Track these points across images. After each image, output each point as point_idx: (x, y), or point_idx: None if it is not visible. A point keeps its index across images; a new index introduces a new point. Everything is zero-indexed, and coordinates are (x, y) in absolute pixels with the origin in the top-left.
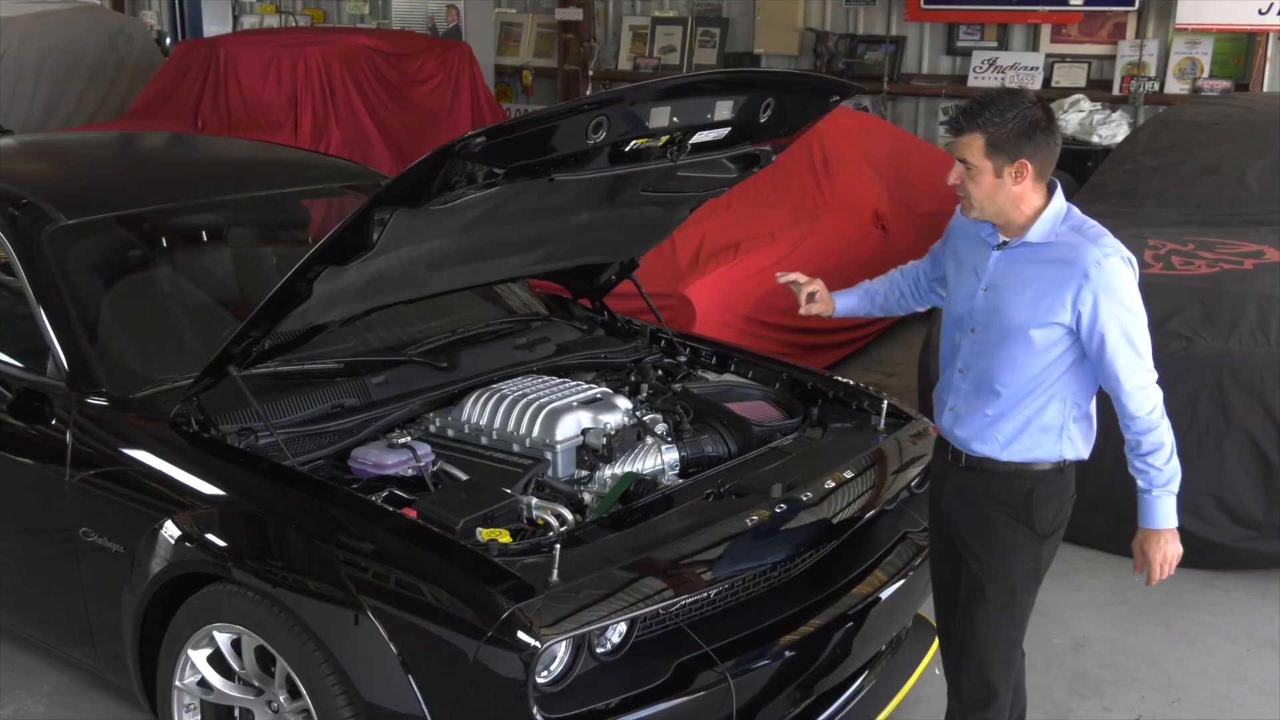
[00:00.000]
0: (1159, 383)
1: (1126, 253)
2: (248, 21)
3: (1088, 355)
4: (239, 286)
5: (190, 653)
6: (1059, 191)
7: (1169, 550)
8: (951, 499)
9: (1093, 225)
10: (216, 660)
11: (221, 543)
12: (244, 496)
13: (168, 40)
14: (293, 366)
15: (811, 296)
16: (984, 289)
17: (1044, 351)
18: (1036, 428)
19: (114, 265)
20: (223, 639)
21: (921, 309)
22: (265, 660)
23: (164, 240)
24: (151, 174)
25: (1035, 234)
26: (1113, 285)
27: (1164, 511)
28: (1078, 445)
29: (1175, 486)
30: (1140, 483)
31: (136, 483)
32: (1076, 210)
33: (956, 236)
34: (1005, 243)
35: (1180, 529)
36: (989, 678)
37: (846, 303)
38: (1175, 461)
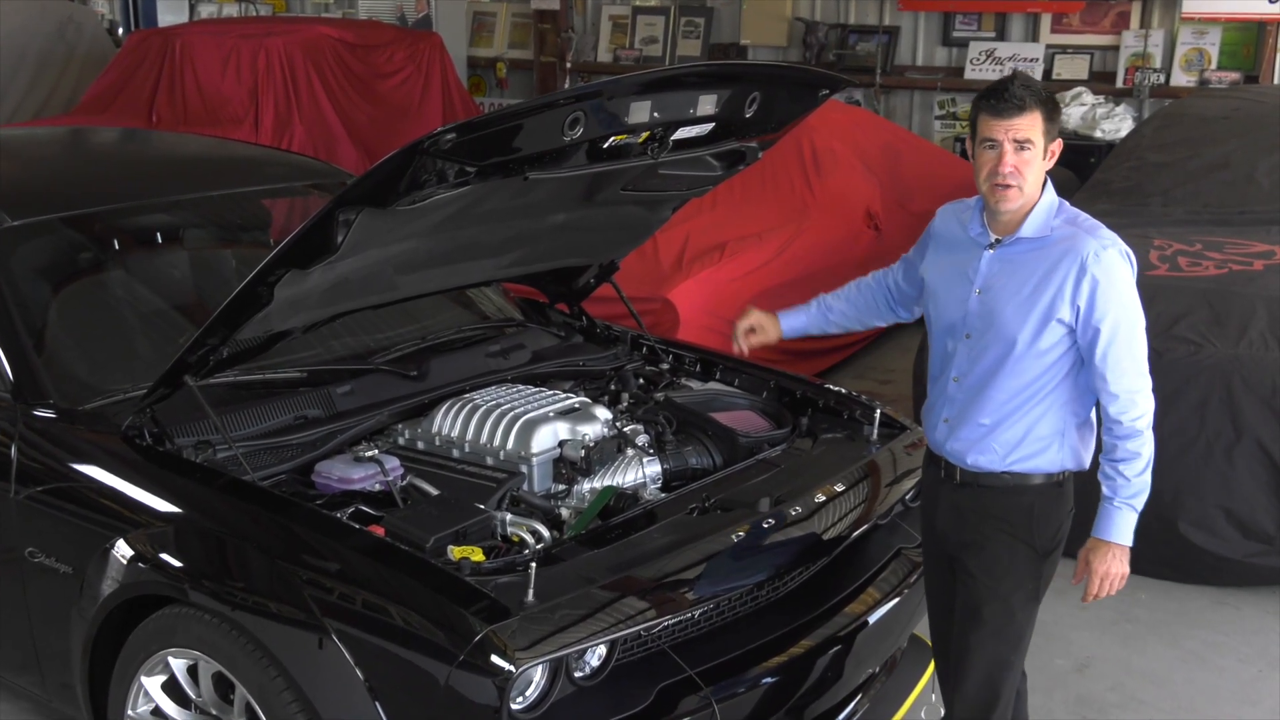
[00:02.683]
0: (1156, 393)
1: (1124, 246)
2: (205, 10)
3: (1081, 352)
4: (196, 291)
5: (144, 680)
6: (1050, 184)
7: (1114, 567)
8: (946, 518)
9: (1087, 218)
10: (172, 688)
11: (177, 563)
12: (201, 514)
13: (120, 30)
14: (253, 376)
15: (750, 331)
16: (977, 291)
17: (1044, 354)
18: (1036, 436)
19: (63, 269)
20: (178, 665)
21: (908, 319)
22: (224, 687)
23: (116, 242)
24: (103, 172)
25: (1030, 228)
26: (1111, 278)
27: (1120, 525)
28: (1078, 454)
29: (1139, 503)
30: (1104, 489)
31: (86, 499)
32: (1067, 204)
33: (934, 244)
34: (998, 241)
35: (1189, 543)
36: (984, 703)
37: (794, 323)
38: (1147, 477)
